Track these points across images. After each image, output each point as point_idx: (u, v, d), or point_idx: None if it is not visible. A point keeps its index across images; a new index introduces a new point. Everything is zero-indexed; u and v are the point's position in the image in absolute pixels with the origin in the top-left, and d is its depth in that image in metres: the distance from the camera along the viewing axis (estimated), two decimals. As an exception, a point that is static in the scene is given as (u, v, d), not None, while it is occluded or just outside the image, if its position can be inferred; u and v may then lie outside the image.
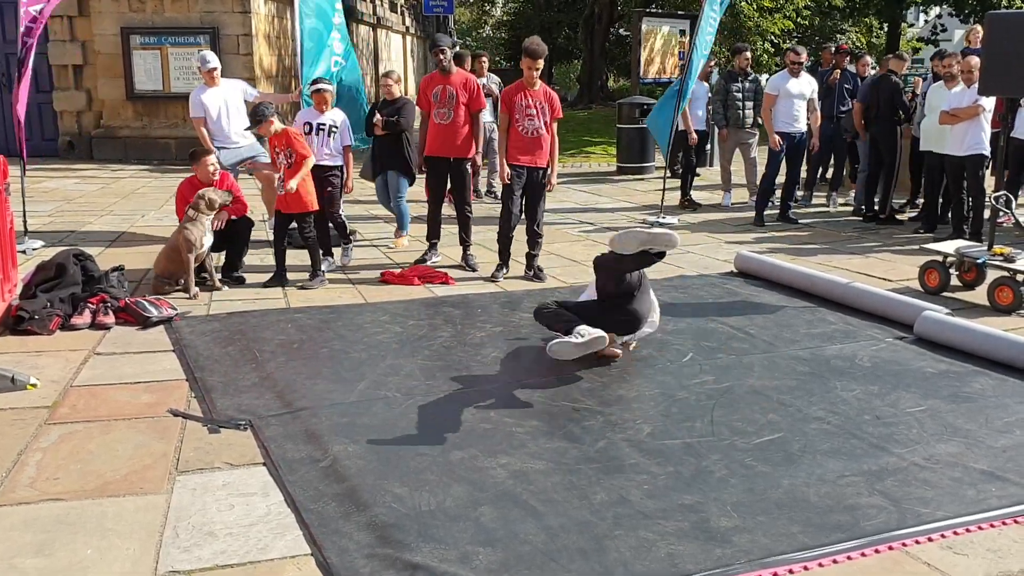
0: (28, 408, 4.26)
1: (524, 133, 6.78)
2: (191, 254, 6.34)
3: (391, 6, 26.44)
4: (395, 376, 4.75)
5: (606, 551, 3.00)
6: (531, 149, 6.80)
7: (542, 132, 6.80)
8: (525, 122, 6.77)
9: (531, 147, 6.80)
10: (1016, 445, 3.88)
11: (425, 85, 7.43)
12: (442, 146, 7.30)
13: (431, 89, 7.32)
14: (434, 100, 7.27)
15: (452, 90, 7.25)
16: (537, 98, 6.79)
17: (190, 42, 14.12)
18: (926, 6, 26.69)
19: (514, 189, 6.87)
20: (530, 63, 6.68)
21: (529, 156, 6.81)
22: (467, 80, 7.42)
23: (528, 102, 6.76)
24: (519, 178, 6.84)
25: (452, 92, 7.25)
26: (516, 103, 6.77)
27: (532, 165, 6.83)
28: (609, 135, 16.55)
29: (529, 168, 6.84)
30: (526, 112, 6.75)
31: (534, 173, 6.87)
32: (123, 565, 2.93)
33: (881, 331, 5.62)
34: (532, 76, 6.73)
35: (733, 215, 10.32)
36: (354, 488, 3.44)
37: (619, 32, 32.66)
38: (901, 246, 8.41)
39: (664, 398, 4.46)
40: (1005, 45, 6.42)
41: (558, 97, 7.04)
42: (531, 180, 6.89)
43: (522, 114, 6.76)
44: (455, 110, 7.24)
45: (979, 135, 8.13)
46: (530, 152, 6.81)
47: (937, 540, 3.12)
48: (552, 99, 6.89)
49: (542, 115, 6.78)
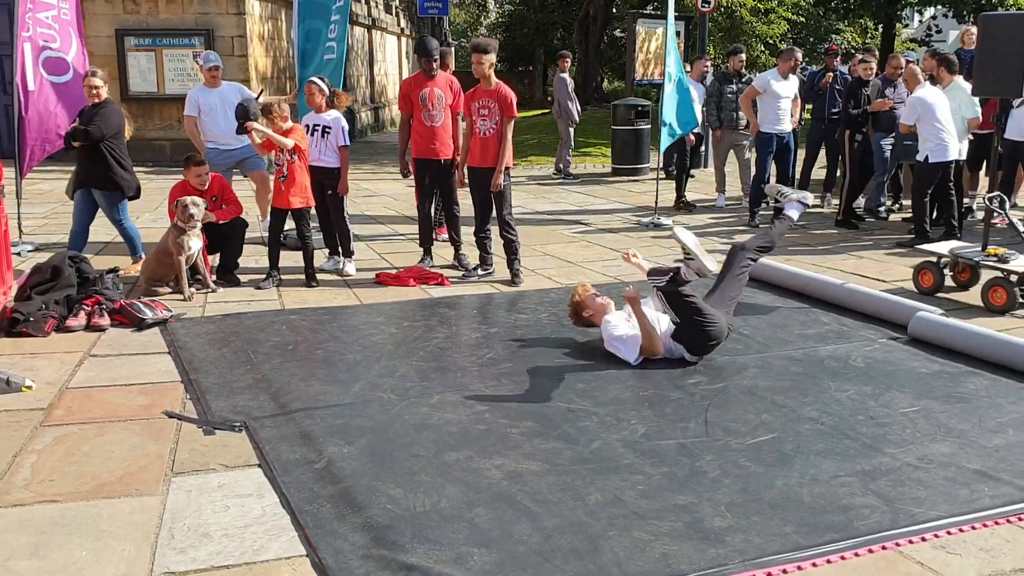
0: (23, 410, 4.26)
1: (479, 133, 6.86)
2: (181, 256, 6.34)
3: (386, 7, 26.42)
4: (390, 377, 4.76)
5: (600, 551, 3.00)
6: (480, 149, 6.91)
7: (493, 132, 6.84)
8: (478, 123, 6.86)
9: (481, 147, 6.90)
10: (1009, 445, 3.90)
11: (408, 88, 7.39)
12: (431, 148, 7.29)
13: (416, 92, 7.28)
14: (420, 103, 7.26)
15: (440, 92, 7.26)
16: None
17: (185, 44, 14.12)
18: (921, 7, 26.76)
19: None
20: (477, 58, 6.76)
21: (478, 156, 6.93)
22: (451, 81, 7.44)
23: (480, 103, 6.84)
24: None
25: (440, 94, 7.25)
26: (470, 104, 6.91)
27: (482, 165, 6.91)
28: (604, 136, 16.57)
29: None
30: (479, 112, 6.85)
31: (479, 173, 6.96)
32: (118, 567, 2.93)
33: (875, 332, 5.64)
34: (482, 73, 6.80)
35: (726, 216, 10.34)
36: (349, 489, 3.45)
37: (614, 34, 32.69)
38: (895, 246, 8.43)
39: (658, 399, 4.47)
40: (998, 46, 6.45)
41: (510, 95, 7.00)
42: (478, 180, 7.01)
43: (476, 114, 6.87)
44: (444, 112, 7.26)
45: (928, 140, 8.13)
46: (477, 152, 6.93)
47: (930, 540, 3.13)
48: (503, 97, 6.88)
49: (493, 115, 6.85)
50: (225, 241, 6.90)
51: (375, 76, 24.08)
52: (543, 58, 35.25)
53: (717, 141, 10.93)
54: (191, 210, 6.36)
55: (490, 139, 6.80)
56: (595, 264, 7.69)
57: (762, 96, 9.54)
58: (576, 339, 5.46)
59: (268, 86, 15.32)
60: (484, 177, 6.87)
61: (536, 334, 5.59)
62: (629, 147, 13.80)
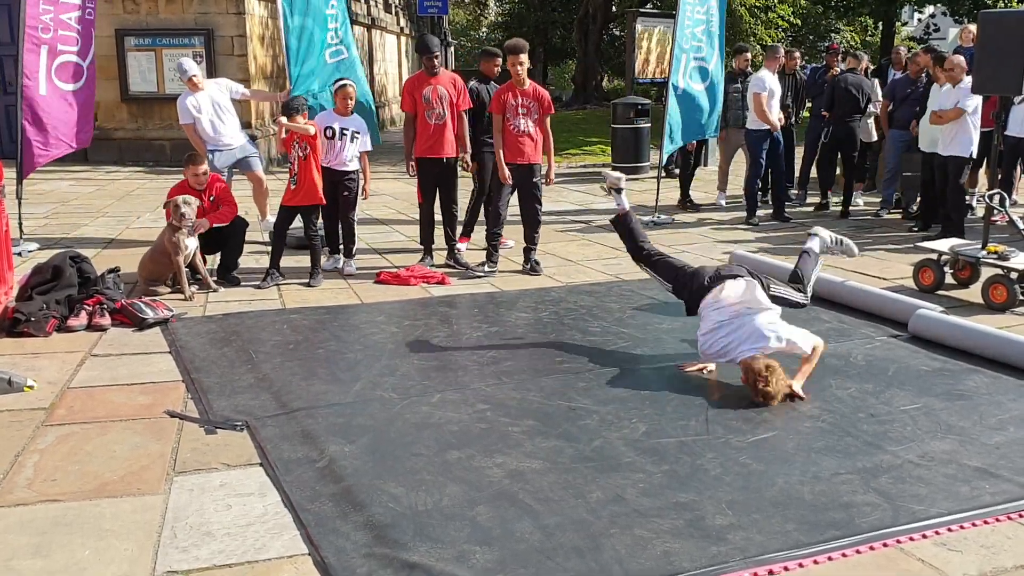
0: (25, 410, 4.27)
1: (514, 131, 7.07)
2: (179, 256, 6.35)
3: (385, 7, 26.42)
4: (391, 376, 4.76)
5: (602, 549, 3.01)
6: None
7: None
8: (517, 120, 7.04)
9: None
10: (1010, 442, 3.91)
11: (412, 87, 7.37)
12: (435, 146, 7.28)
13: (420, 90, 7.27)
14: (424, 101, 7.25)
15: (444, 90, 7.25)
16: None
17: (184, 44, 14.12)
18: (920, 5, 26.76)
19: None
20: (513, 59, 6.95)
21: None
22: (455, 79, 7.45)
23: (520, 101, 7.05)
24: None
25: (444, 92, 7.25)
26: (507, 103, 7.00)
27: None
28: (604, 135, 16.57)
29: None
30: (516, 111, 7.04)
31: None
32: (120, 566, 2.94)
33: (875, 329, 5.64)
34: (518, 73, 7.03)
35: (728, 215, 10.35)
36: (351, 488, 3.45)
37: (613, 32, 32.67)
38: (895, 244, 8.44)
39: (659, 397, 4.47)
40: (997, 43, 6.45)
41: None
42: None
43: (512, 113, 7.02)
44: (448, 110, 7.26)
45: (965, 136, 8.15)
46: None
47: (931, 537, 3.14)
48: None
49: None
50: (225, 241, 6.90)
51: (375, 75, 24.07)
52: (543, 57, 35.24)
53: (722, 140, 10.91)
54: (183, 209, 6.36)
55: (532, 136, 7.08)
56: (595, 263, 7.70)
57: (761, 95, 9.51)
58: (577, 338, 5.47)
59: (269, 85, 15.33)
60: (530, 173, 7.13)
61: (537, 333, 5.59)
62: (629, 146, 13.78)
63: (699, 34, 9.78)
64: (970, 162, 8.40)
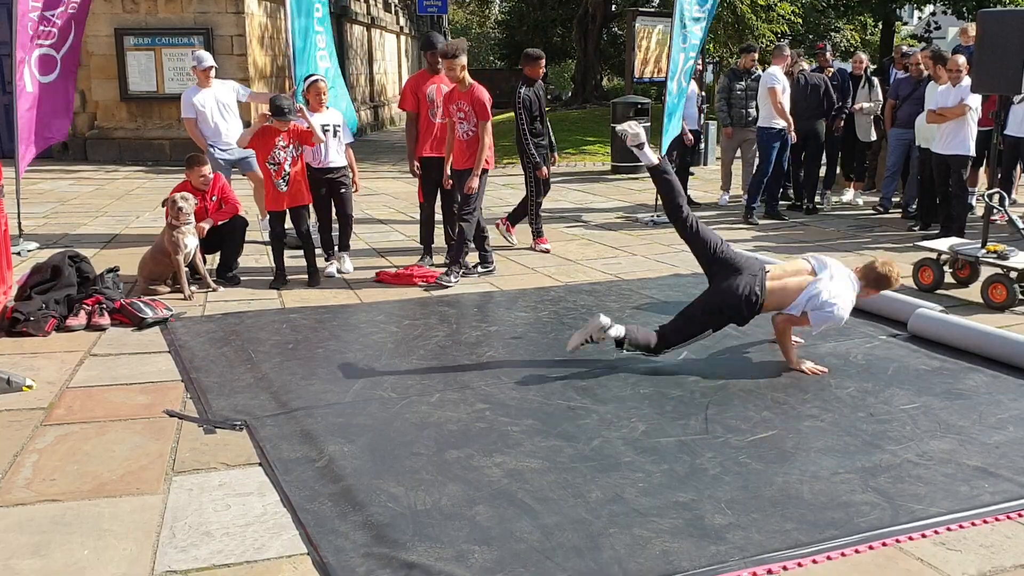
0: (24, 409, 4.26)
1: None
2: (179, 256, 6.35)
3: (385, 6, 26.41)
4: (390, 376, 4.76)
5: (601, 549, 3.01)
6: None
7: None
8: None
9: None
10: (1009, 441, 3.90)
11: (415, 85, 7.32)
12: (440, 145, 7.21)
13: (424, 88, 7.25)
14: (428, 100, 7.23)
15: (447, 88, 7.22)
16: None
17: (184, 43, 14.13)
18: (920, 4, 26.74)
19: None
20: (448, 64, 6.72)
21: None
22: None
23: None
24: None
25: (447, 90, 7.21)
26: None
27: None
28: (604, 134, 16.56)
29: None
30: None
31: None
32: (120, 566, 2.94)
33: (875, 328, 5.64)
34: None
35: (728, 214, 10.34)
36: (350, 488, 3.45)
37: (613, 31, 32.66)
38: (895, 243, 8.43)
39: (658, 396, 4.47)
40: (997, 42, 6.45)
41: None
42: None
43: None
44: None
45: (966, 134, 8.14)
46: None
47: (930, 536, 3.14)
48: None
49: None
50: (225, 240, 6.90)
51: (374, 75, 24.07)
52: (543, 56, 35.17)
53: (728, 137, 10.87)
54: (180, 203, 6.37)
55: (469, 142, 6.81)
56: (595, 262, 7.70)
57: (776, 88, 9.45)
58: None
59: (267, 85, 15.32)
60: (465, 179, 6.86)
61: (536, 332, 5.59)
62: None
63: (697, 32, 9.79)
64: (970, 160, 8.39)
